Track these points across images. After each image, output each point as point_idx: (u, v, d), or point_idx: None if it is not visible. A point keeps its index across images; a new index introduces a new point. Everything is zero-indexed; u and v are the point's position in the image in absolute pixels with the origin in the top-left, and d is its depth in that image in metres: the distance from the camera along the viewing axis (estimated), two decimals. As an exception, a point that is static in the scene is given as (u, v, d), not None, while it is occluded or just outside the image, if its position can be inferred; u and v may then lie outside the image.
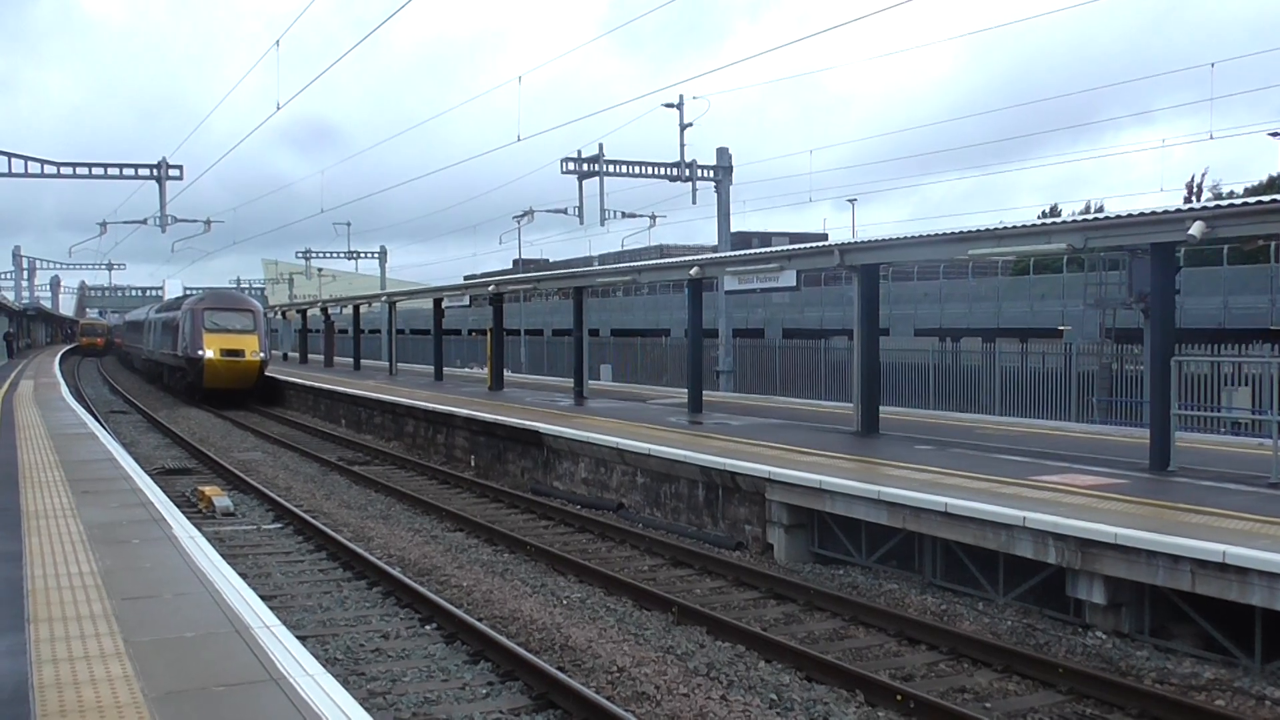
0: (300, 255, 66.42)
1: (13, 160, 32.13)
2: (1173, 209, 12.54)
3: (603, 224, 34.89)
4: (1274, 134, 40.89)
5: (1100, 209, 51.10)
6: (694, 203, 33.30)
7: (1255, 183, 50.84)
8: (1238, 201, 12.20)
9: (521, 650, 9.08)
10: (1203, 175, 59.30)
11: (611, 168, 32.42)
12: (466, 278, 71.26)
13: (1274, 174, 51.42)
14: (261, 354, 38.14)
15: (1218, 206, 12.10)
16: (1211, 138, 39.65)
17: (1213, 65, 27.41)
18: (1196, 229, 11.75)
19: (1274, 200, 11.56)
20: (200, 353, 36.85)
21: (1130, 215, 12.98)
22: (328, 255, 66.04)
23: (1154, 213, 12.61)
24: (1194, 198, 52.56)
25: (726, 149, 32.86)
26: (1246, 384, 20.73)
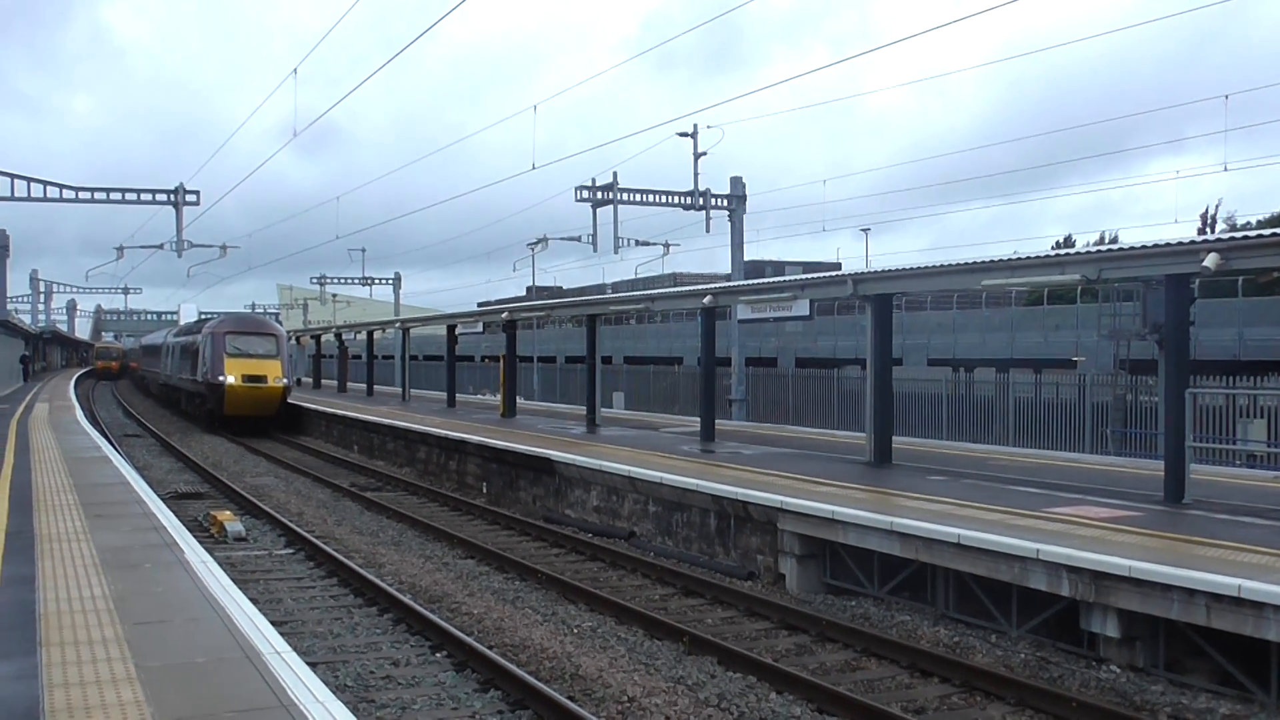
0: (315, 281, 66.81)
1: (32, 185, 32.45)
2: (1187, 240, 12.53)
3: (616, 252, 35.00)
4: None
5: (1115, 239, 51.07)
6: (707, 231, 33.44)
7: (1270, 214, 50.70)
8: (1252, 234, 12.18)
9: (532, 679, 9.06)
10: (1217, 206, 59.17)
11: (625, 196, 32.56)
12: (480, 304, 71.57)
13: (1289, 206, 51.29)
14: (285, 380, 36.87)
15: (1232, 239, 12.08)
16: (1226, 169, 39.72)
17: (1227, 97, 27.47)
18: (1211, 261, 11.73)
19: (1289, 233, 11.54)
20: (221, 378, 35.62)
21: (1145, 246, 12.96)
22: (342, 281, 66.46)
23: (1169, 244, 12.60)
24: (1209, 229, 52.46)
25: (740, 178, 33.02)
26: (1262, 416, 20.65)
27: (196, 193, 35.74)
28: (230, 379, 35.64)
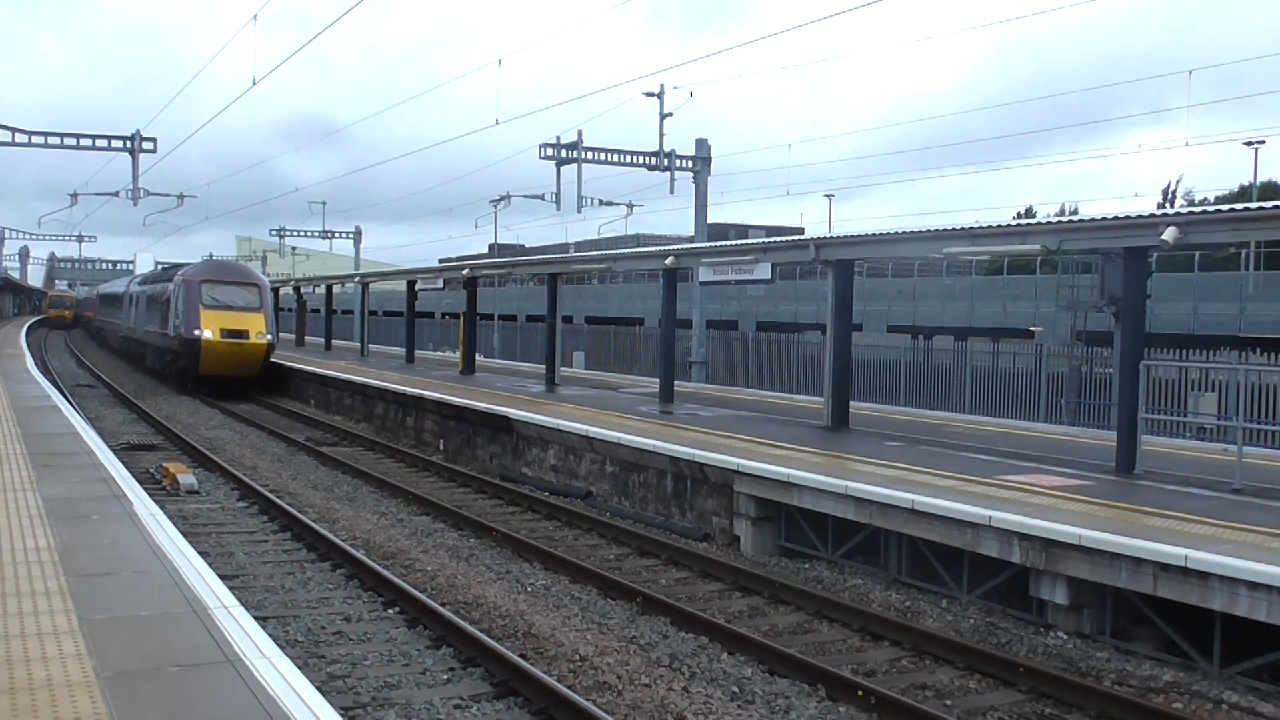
0: (274, 233, 65.92)
1: (-17, 128, 31.66)
2: (1146, 214, 12.62)
3: (580, 211, 34.79)
4: (1249, 143, 41.31)
5: (1075, 211, 51.45)
6: (671, 193, 33.32)
7: (1229, 189, 51.32)
8: (1210, 208, 12.28)
9: (484, 636, 9.04)
10: (1178, 182, 59.80)
11: (590, 155, 32.31)
12: (442, 260, 70.99)
13: (1244, 182, 51.96)
14: (269, 335, 32.74)
15: (1190, 213, 12.19)
16: (1188, 144, 40.17)
17: (1191, 73, 27.61)
18: (1169, 234, 11.81)
19: (1245, 208, 11.65)
20: (196, 332, 31.56)
21: (1105, 219, 13.03)
22: (303, 234, 65.52)
23: (1128, 217, 12.67)
24: (1169, 204, 53.00)
25: (706, 140, 32.83)
26: (1213, 390, 20.92)
27: (154, 140, 34.89)
28: (207, 333, 31.66)
